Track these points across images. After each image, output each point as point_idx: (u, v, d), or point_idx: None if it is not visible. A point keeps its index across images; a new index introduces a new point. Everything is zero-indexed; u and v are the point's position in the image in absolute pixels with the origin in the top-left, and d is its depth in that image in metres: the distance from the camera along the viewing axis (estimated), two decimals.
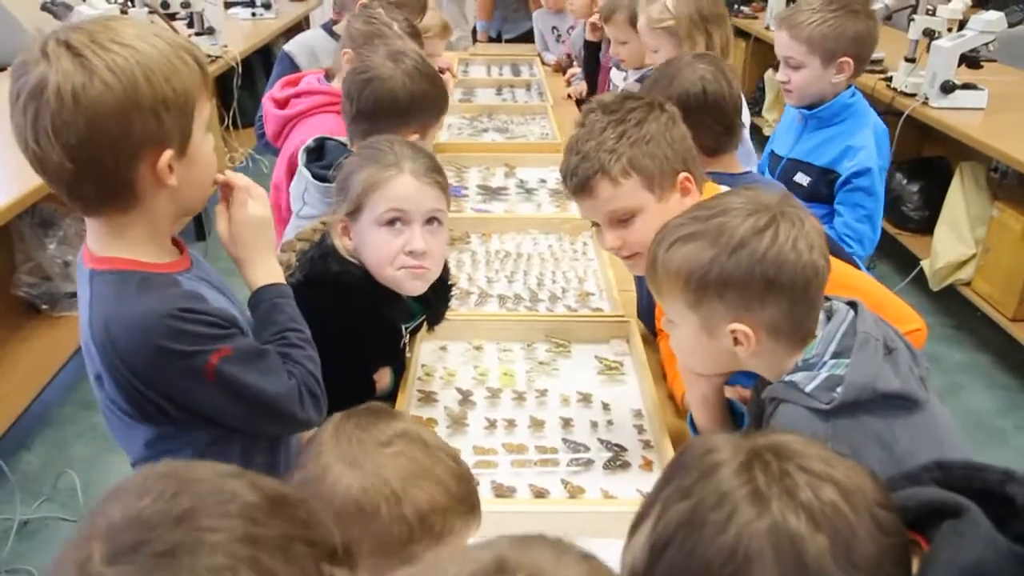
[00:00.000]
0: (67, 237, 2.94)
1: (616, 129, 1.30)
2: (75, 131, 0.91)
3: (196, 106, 0.99)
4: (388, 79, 1.64)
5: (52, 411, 2.75)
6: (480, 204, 2.32)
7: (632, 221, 1.32)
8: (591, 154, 1.29)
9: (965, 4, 3.42)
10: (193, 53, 0.99)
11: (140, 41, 0.94)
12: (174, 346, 0.98)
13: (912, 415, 0.99)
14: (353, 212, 1.32)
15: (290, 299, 1.17)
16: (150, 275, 1.02)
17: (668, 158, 1.31)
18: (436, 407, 1.48)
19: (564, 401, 1.50)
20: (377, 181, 1.30)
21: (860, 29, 1.87)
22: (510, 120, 3.10)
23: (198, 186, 1.06)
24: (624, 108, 1.32)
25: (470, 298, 1.82)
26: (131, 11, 3.34)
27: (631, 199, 1.30)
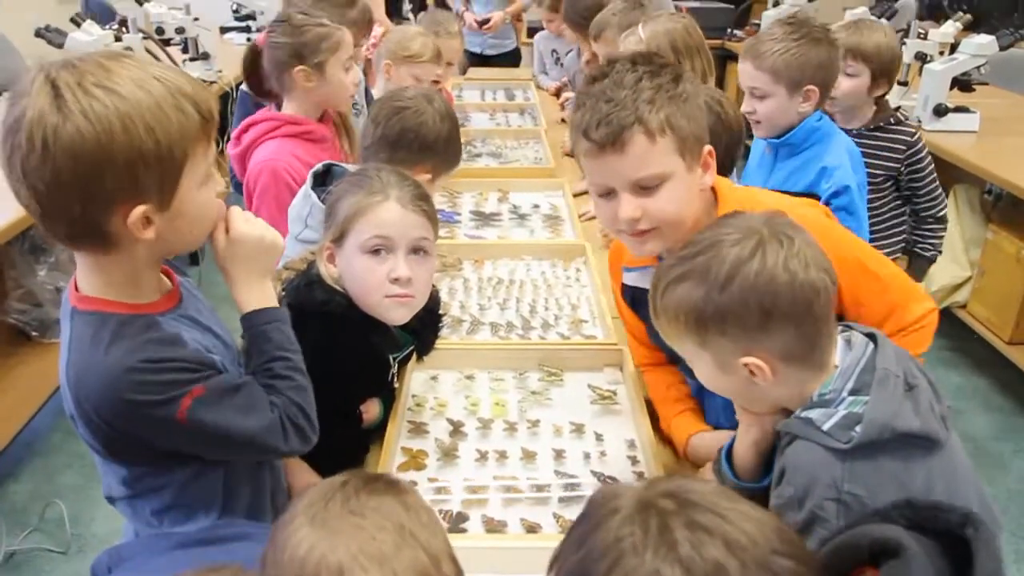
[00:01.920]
0: (58, 263, 2.92)
1: (653, 81, 1.15)
2: (41, 176, 0.88)
3: (187, 158, 0.94)
4: (420, 113, 1.67)
5: (41, 439, 2.72)
6: (473, 230, 2.31)
7: (658, 189, 1.17)
8: (627, 102, 1.13)
9: (956, 28, 3.44)
10: (196, 100, 0.94)
11: (134, 86, 0.90)
12: (142, 398, 0.96)
13: (930, 455, 0.97)
14: (339, 238, 1.31)
15: (281, 323, 1.13)
16: (128, 318, 0.99)
17: (700, 125, 1.20)
18: (427, 438, 1.46)
19: (556, 431, 1.48)
20: (362, 207, 1.28)
21: (824, 57, 1.88)
22: (504, 145, 3.10)
23: (186, 236, 1.02)
24: (656, 63, 1.19)
25: (462, 326, 1.80)
26: (125, 37, 3.34)
27: (664, 161, 1.16)
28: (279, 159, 1.91)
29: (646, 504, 0.63)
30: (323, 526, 0.73)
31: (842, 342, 1.05)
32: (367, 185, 1.31)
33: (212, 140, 0.99)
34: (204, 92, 0.97)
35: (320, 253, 1.34)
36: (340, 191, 1.34)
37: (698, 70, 2.10)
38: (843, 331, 1.07)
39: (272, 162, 1.88)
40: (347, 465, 0.84)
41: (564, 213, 2.44)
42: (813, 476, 0.96)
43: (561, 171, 2.75)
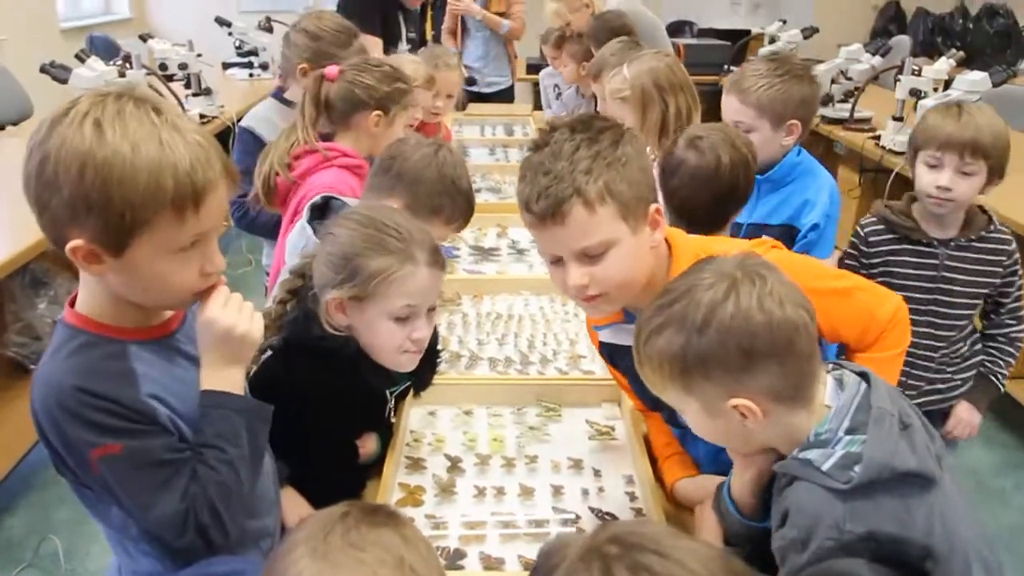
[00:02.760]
0: (58, 296, 2.93)
1: (590, 148, 1.14)
2: (25, 171, 0.94)
3: (145, 223, 0.92)
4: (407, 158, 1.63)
5: (37, 474, 2.70)
6: (472, 265, 2.32)
7: (603, 256, 1.16)
8: (564, 175, 1.13)
9: (950, 65, 3.48)
10: (182, 178, 0.92)
11: (125, 138, 0.90)
12: (65, 426, 0.96)
13: (928, 493, 0.96)
14: (358, 297, 1.26)
15: (233, 412, 1.06)
16: (95, 340, 1.00)
17: (642, 185, 1.18)
18: (424, 474, 1.46)
19: (555, 467, 1.47)
20: (395, 277, 1.24)
21: (806, 93, 1.92)
22: (503, 180, 3.12)
23: (146, 294, 1.01)
24: (595, 128, 1.18)
25: (460, 361, 1.80)
26: (129, 73, 3.38)
27: (606, 229, 1.15)
28: (339, 187, 1.91)
29: (591, 551, 0.64)
30: (324, 559, 0.73)
31: (833, 382, 1.05)
32: (392, 246, 1.25)
33: (194, 215, 0.95)
34: (202, 172, 0.94)
35: (327, 303, 1.28)
36: (356, 245, 1.26)
37: (683, 107, 2.14)
38: (834, 370, 1.07)
39: (333, 188, 1.88)
40: (343, 500, 0.84)
41: None
42: (815, 517, 0.96)
43: None
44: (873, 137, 3.72)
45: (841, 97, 4.20)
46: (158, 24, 7.73)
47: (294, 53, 2.34)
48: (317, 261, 1.31)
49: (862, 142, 3.73)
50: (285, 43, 2.39)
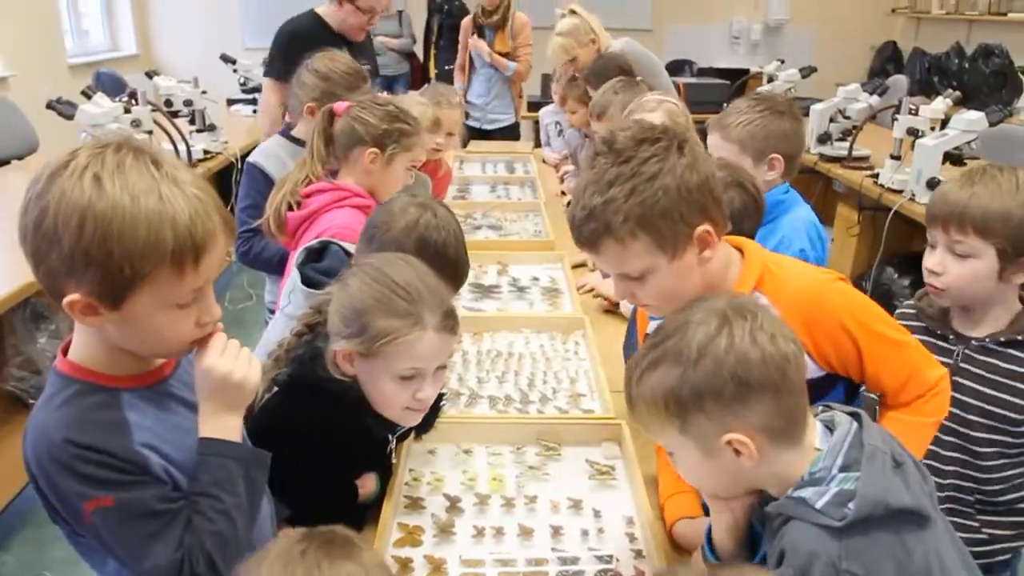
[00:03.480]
0: (59, 331, 2.93)
1: (626, 185, 1.16)
2: (22, 223, 0.94)
3: (144, 277, 0.92)
4: (388, 228, 1.56)
5: (33, 510, 2.69)
6: (472, 302, 2.32)
7: (644, 279, 1.21)
8: (597, 212, 1.17)
9: (947, 104, 3.52)
10: (182, 232, 0.92)
11: (125, 191, 0.90)
12: (56, 478, 0.95)
13: (924, 532, 0.96)
14: (364, 354, 1.26)
15: (231, 461, 1.05)
16: (87, 388, 0.99)
17: (683, 215, 1.17)
18: (423, 514, 1.45)
19: (554, 508, 1.46)
20: (401, 341, 1.23)
21: (786, 128, 1.95)
22: (504, 217, 3.13)
23: (144, 345, 1.01)
24: (638, 156, 1.17)
25: (460, 399, 1.80)
26: (135, 109, 3.42)
27: (640, 260, 1.19)
28: (354, 226, 1.92)
29: None
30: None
31: (821, 426, 1.05)
32: (400, 309, 1.24)
33: (193, 270, 0.95)
34: (201, 226, 0.94)
35: (336, 353, 1.28)
36: (366, 302, 1.26)
37: None
38: (823, 412, 1.08)
39: (347, 229, 1.89)
40: None
41: (563, 286, 2.46)
42: (811, 556, 0.95)
43: (560, 244, 2.78)
44: (872, 175, 3.75)
45: (839, 135, 4.24)
46: (165, 60, 7.84)
47: (304, 92, 2.37)
48: (332, 305, 1.31)
49: (861, 180, 3.76)
50: (296, 82, 2.42)
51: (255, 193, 2.35)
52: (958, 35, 7.16)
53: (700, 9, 8.18)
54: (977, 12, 6.99)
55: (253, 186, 2.38)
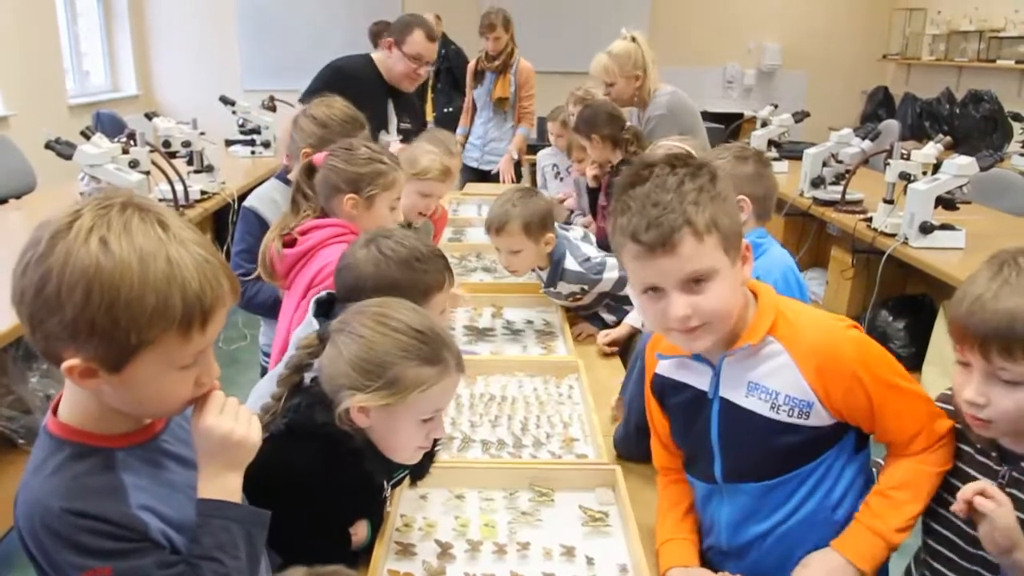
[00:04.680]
0: (50, 370, 2.92)
1: (695, 182, 1.20)
2: (21, 286, 0.90)
3: (149, 343, 0.90)
4: (355, 266, 1.60)
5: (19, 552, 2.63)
6: (466, 345, 2.32)
7: (705, 285, 1.20)
8: (674, 205, 1.17)
9: (938, 149, 3.55)
10: (191, 296, 0.90)
11: (134, 254, 0.87)
12: (50, 549, 0.92)
13: None
14: (391, 405, 1.25)
15: (232, 523, 1.03)
16: (83, 451, 0.96)
17: (737, 220, 1.25)
18: (414, 561, 1.43)
19: (546, 555, 1.45)
20: (434, 387, 1.25)
21: (749, 171, 1.96)
22: (498, 260, 3.13)
23: (142, 407, 0.99)
24: (693, 164, 1.23)
25: (453, 443, 1.79)
26: (132, 150, 3.44)
27: (712, 258, 1.20)
28: None
29: None
30: None
31: None
32: (429, 356, 1.26)
33: (200, 334, 0.93)
34: (211, 292, 0.92)
35: (351, 408, 1.26)
36: (390, 351, 1.25)
37: None
38: None
39: None
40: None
41: (557, 329, 2.46)
42: None
43: None
44: (865, 219, 3.77)
45: (833, 179, 4.28)
46: (164, 101, 7.93)
47: (300, 137, 2.38)
48: (332, 360, 1.28)
49: (854, 224, 3.78)
50: (294, 127, 2.42)
51: (250, 237, 2.35)
52: (948, 81, 7.28)
53: (694, 54, 8.31)
54: (967, 59, 7.11)
55: (248, 230, 2.38)
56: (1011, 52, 6.55)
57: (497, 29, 4.87)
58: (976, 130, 6.33)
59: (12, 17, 5.78)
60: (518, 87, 4.94)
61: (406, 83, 3.39)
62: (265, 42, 7.67)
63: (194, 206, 3.71)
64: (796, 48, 8.43)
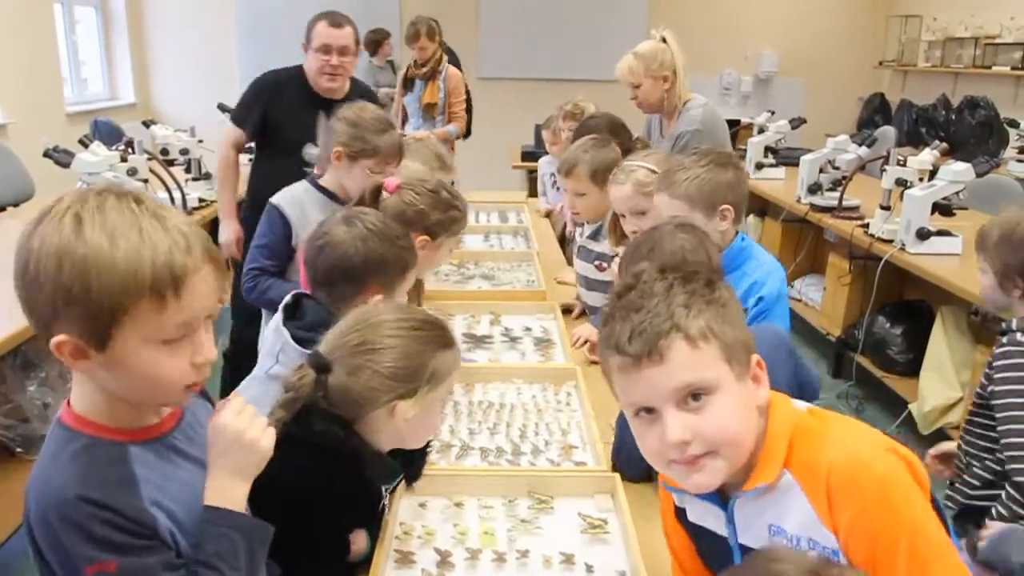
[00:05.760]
0: (48, 379, 2.91)
1: (687, 286, 1.05)
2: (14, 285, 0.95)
3: (125, 313, 0.91)
4: (340, 243, 1.64)
5: (17, 560, 2.63)
6: (465, 353, 2.31)
7: (706, 404, 1.01)
8: (660, 309, 1.02)
9: (934, 156, 3.57)
10: (160, 266, 0.91)
11: (103, 231, 0.90)
12: (63, 538, 0.93)
13: None
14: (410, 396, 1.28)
15: (234, 531, 1.04)
16: (95, 443, 0.98)
17: (743, 332, 1.06)
18: (413, 569, 1.43)
19: (546, 562, 1.44)
20: (457, 367, 1.34)
21: (730, 178, 1.98)
22: (496, 267, 3.14)
23: (133, 388, 0.98)
24: (685, 268, 1.09)
25: (451, 451, 1.79)
26: (131, 158, 3.45)
27: (711, 369, 1.01)
28: None
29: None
30: None
31: None
32: (444, 340, 1.32)
33: (175, 301, 0.93)
34: (181, 257, 0.93)
35: (396, 413, 1.28)
36: (413, 350, 1.28)
37: None
38: None
39: None
40: None
41: (555, 336, 2.46)
42: None
43: (553, 294, 2.79)
44: (862, 225, 3.79)
45: (829, 186, 4.30)
46: (162, 109, 7.93)
47: (332, 139, 2.40)
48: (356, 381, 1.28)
49: (851, 230, 3.79)
50: (325, 131, 2.46)
51: (271, 234, 2.37)
52: (944, 87, 7.30)
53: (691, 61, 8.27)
54: (962, 65, 7.13)
55: (270, 227, 2.39)
56: (1007, 58, 6.58)
57: (422, 39, 4.99)
58: (972, 136, 6.35)
59: (10, 25, 5.78)
60: (447, 94, 5.06)
61: (324, 81, 3.15)
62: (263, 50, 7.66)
63: (192, 214, 3.72)
64: (793, 55, 8.46)
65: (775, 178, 5.07)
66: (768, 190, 4.88)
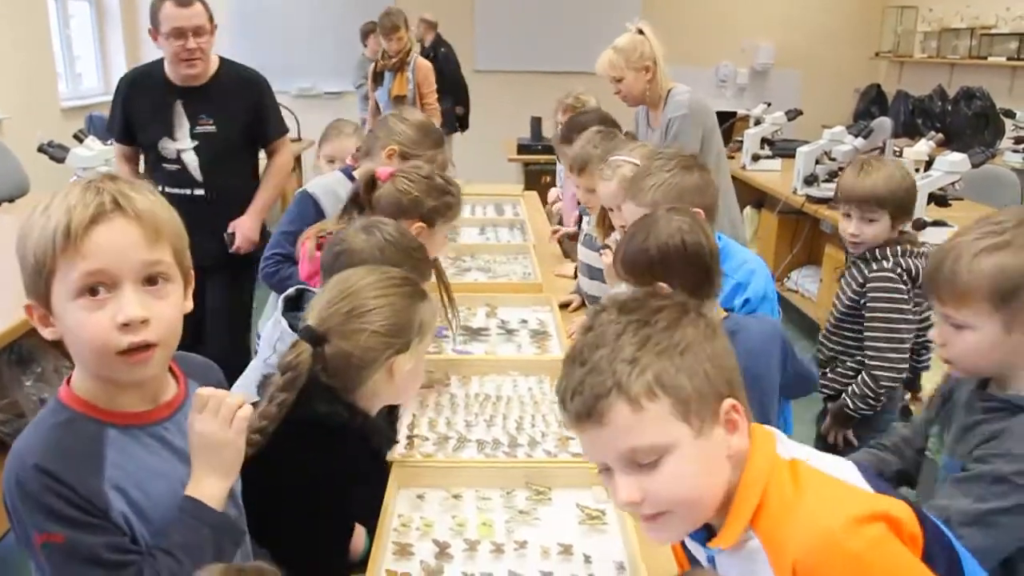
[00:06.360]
0: (44, 374, 2.91)
1: (638, 333, 0.94)
2: None
3: (48, 265, 0.96)
4: (359, 252, 1.65)
5: (13, 555, 2.63)
6: (460, 345, 2.32)
7: (659, 464, 0.93)
8: (602, 365, 0.93)
9: (930, 146, 3.58)
10: (60, 216, 0.95)
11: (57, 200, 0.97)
12: (19, 502, 0.97)
13: None
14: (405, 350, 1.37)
15: (202, 526, 1.04)
16: (77, 418, 1.01)
17: (710, 377, 0.95)
18: (412, 560, 1.43)
19: (544, 553, 1.45)
20: (435, 316, 1.44)
21: (697, 180, 1.94)
22: (493, 260, 3.14)
23: (78, 352, 1.00)
24: (648, 307, 0.98)
25: (448, 443, 1.79)
26: None
27: (658, 432, 0.93)
28: None
29: None
30: None
31: None
32: (421, 292, 1.43)
33: (75, 251, 0.95)
34: (81, 211, 0.95)
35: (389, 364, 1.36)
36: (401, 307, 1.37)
37: None
38: None
39: None
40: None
41: (551, 328, 2.46)
42: None
43: (549, 286, 2.79)
44: None
45: (826, 177, 4.29)
46: None
47: (387, 135, 2.39)
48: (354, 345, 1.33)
49: None
50: (380, 126, 2.45)
51: (300, 221, 2.35)
52: (940, 78, 7.30)
53: (686, 53, 8.31)
54: (958, 56, 7.13)
55: (300, 214, 2.38)
56: (1002, 49, 6.58)
57: (401, 30, 5.01)
58: (968, 127, 6.35)
59: (3, 20, 5.75)
60: (417, 85, 5.04)
61: (183, 68, 2.88)
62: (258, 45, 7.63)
63: None
64: (789, 47, 8.46)
65: (771, 170, 5.07)
66: (764, 182, 4.88)
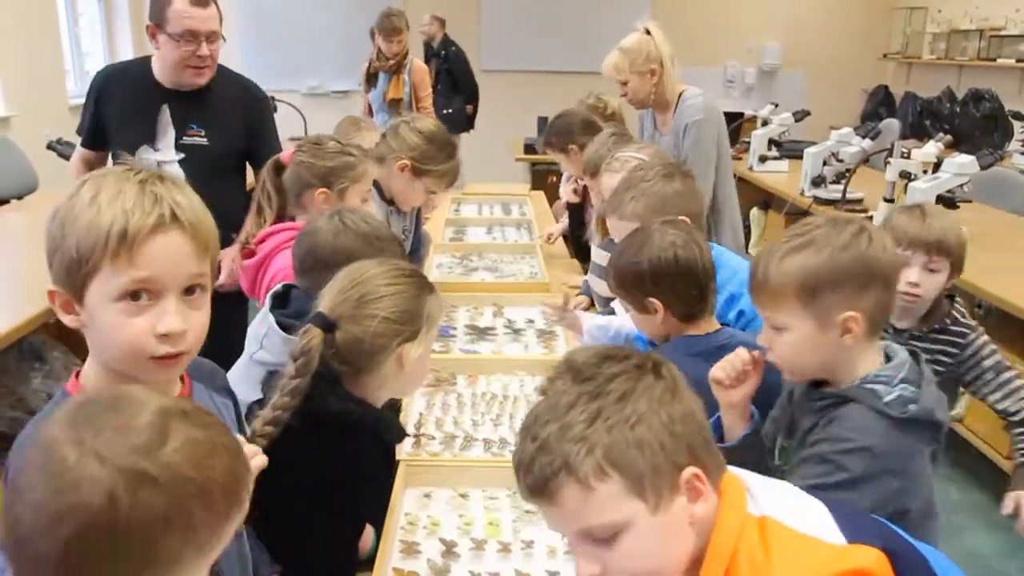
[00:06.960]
0: (53, 371, 2.92)
1: (589, 406, 0.90)
2: None
3: (91, 262, 0.94)
4: (315, 233, 1.66)
5: None
6: (467, 344, 2.32)
7: (616, 539, 0.90)
8: (551, 444, 0.90)
9: (938, 148, 3.56)
10: (116, 219, 0.93)
11: (91, 188, 0.96)
12: None
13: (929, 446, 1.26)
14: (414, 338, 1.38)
15: None
16: None
17: (666, 448, 0.90)
18: (419, 559, 1.43)
19: (551, 552, 1.45)
20: (441, 309, 1.45)
21: (678, 187, 1.90)
22: (500, 259, 3.14)
23: (106, 350, 1.00)
24: (602, 374, 0.93)
25: (455, 442, 1.79)
26: None
27: (612, 510, 0.89)
28: None
29: None
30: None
31: (883, 353, 1.29)
32: (429, 284, 1.44)
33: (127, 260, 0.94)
34: (141, 217, 0.94)
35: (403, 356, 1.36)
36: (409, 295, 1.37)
37: None
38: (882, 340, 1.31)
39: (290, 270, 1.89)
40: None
41: (558, 328, 2.46)
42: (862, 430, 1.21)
43: (556, 286, 2.79)
44: (866, 217, 3.76)
45: (833, 178, 4.29)
46: None
47: (400, 145, 2.38)
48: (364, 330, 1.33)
49: None
50: (391, 134, 2.43)
51: None
52: (949, 80, 7.28)
53: (694, 53, 8.30)
54: (967, 57, 7.11)
55: None
56: (1012, 51, 6.56)
57: (404, 32, 4.92)
58: (977, 129, 6.33)
59: (13, 18, 5.77)
60: (413, 87, 4.97)
61: (188, 75, 2.50)
62: (265, 43, 7.66)
63: None
64: (796, 47, 8.44)
65: (779, 171, 5.07)
66: (772, 183, 4.87)
